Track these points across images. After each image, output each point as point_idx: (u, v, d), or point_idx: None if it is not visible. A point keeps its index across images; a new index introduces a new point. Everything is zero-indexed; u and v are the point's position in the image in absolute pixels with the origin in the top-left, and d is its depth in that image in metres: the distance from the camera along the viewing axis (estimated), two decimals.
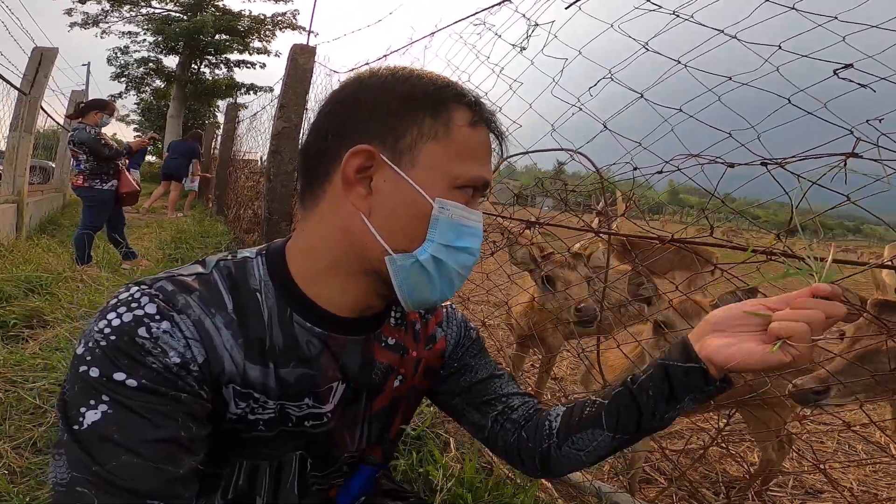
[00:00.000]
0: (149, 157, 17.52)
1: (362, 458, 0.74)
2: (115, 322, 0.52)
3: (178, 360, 0.53)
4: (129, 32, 18.52)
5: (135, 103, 21.60)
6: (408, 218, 0.59)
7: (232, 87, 20.08)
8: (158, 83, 20.39)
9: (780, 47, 0.96)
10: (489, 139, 0.64)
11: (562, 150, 1.98)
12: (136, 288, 0.55)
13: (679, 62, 1.05)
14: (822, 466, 1.14)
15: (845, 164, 0.97)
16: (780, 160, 1.07)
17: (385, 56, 2.36)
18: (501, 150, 0.67)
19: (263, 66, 20.02)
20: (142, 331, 0.52)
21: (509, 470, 1.56)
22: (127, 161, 4.34)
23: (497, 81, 1.47)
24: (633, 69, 1.13)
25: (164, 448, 0.50)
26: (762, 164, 1.10)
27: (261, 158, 5.29)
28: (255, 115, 6.00)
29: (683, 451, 1.94)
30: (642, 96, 1.20)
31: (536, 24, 1.30)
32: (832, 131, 0.92)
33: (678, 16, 1.02)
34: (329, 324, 0.63)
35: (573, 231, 1.65)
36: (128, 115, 22.47)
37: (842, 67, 0.95)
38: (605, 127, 1.34)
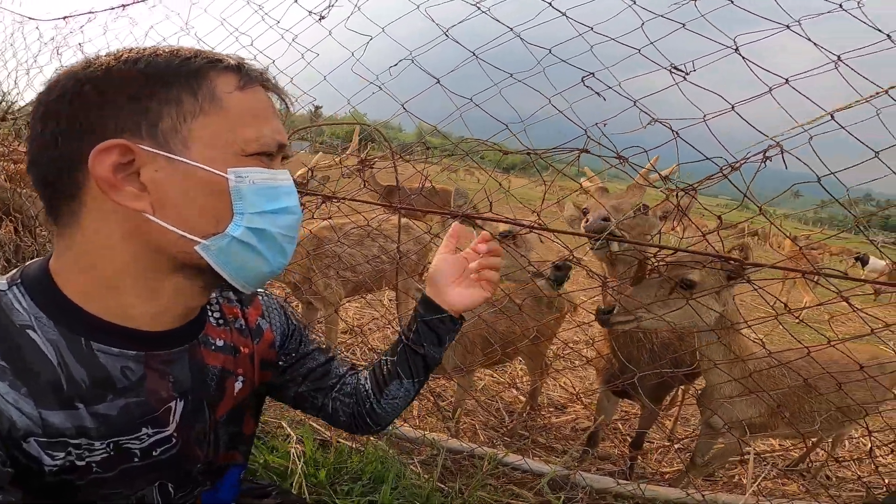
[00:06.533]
0: None
1: (221, 464, 0.72)
2: None
3: None
4: None
5: None
6: (204, 199, 0.54)
7: None
8: None
9: (550, 51, 1.14)
10: (267, 98, 0.60)
11: (360, 124, 1.93)
12: None
13: (474, 54, 1.13)
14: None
15: (578, 158, 1.26)
16: (540, 151, 1.32)
17: (123, 6, 1.81)
18: (287, 105, 0.65)
19: None
20: None
21: (349, 438, 1.62)
22: None
23: (288, 49, 1.32)
24: (435, 54, 1.17)
25: None
26: (527, 153, 1.32)
27: None
28: None
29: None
30: (438, 82, 1.26)
31: None
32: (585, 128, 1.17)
33: (478, 8, 1.09)
34: (143, 342, 0.58)
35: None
36: None
37: (587, 75, 1.20)
38: (403, 109, 1.36)
